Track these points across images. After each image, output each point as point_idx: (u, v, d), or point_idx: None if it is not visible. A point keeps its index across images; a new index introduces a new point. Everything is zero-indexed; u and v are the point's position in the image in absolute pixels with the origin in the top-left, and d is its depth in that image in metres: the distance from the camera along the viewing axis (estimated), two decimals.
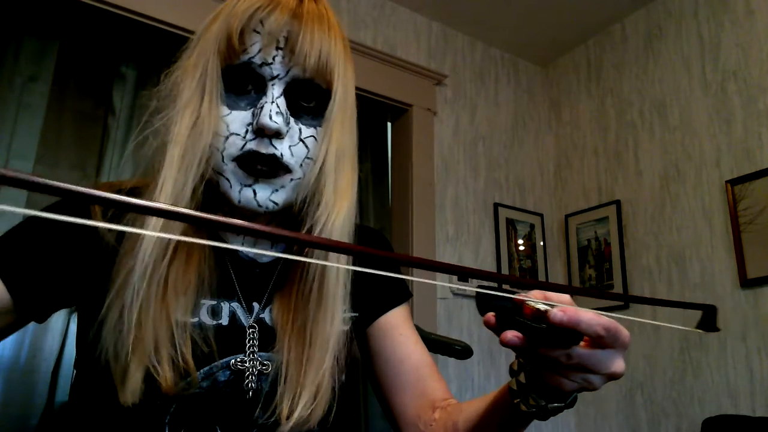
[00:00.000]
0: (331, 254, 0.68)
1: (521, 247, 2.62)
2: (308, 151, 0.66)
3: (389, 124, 2.59)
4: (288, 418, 0.64)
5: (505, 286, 0.52)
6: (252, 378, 0.66)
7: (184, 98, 0.64)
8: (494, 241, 2.56)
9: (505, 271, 2.53)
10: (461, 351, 1.20)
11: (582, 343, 0.49)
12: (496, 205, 2.60)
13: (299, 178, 0.66)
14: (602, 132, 2.65)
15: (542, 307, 0.47)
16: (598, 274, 2.52)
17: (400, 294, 0.84)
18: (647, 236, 2.38)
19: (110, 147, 2.07)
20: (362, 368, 0.86)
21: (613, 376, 0.50)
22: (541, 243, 2.69)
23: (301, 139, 0.66)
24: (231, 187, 0.65)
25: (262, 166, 0.64)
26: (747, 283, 2.00)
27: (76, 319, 0.69)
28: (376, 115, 2.56)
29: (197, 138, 0.63)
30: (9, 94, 1.92)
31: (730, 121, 2.18)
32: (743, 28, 2.19)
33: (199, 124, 0.63)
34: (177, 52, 0.71)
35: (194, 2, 1.93)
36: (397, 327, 0.81)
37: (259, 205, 0.65)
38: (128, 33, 2.02)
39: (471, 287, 0.50)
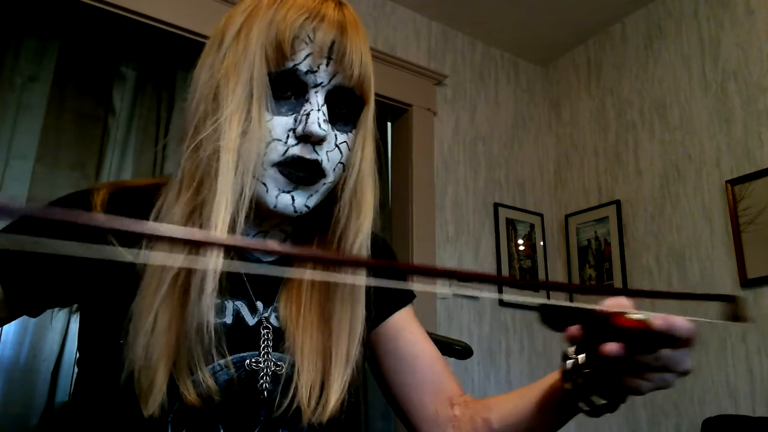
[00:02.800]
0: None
1: (521, 247, 2.62)
2: (341, 156, 0.68)
3: (389, 124, 2.59)
4: (304, 414, 0.65)
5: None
6: (266, 378, 0.67)
7: (232, 104, 0.63)
8: (494, 241, 2.56)
9: (505, 271, 2.53)
10: (461, 351, 1.20)
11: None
12: (496, 205, 2.60)
13: (331, 182, 0.69)
14: (602, 132, 2.65)
15: (639, 316, 0.50)
16: (598, 274, 2.52)
17: (405, 295, 0.85)
18: (647, 236, 2.38)
19: (110, 147, 2.07)
20: (362, 370, 0.86)
21: (685, 373, 0.54)
22: (541, 243, 2.69)
23: (336, 145, 0.68)
24: (268, 192, 0.65)
25: (304, 173, 0.65)
26: (747, 283, 2.00)
27: (77, 319, 0.69)
28: (377, 115, 2.56)
29: (249, 145, 0.63)
30: (9, 94, 1.92)
31: (730, 121, 2.18)
32: (743, 28, 2.19)
33: (251, 131, 0.63)
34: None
35: (194, 2, 1.93)
36: (406, 327, 0.83)
37: (296, 211, 0.66)
38: (128, 33, 2.02)
39: (532, 299, 0.53)
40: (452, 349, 1.20)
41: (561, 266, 2.71)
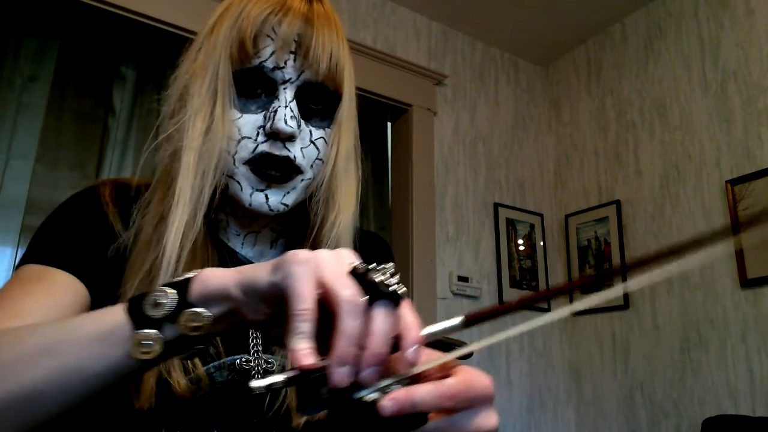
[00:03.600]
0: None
1: (521, 247, 2.62)
2: (319, 153, 0.68)
3: (389, 124, 2.59)
4: (294, 415, 0.65)
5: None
6: (258, 377, 0.66)
7: (196, 103, 0.64)
8: (494, 241, 2.56)
9: (505, 271, 2.53)
10: None
11: (431, 414, 0.42)
12: (496, 205, 2.60)
13: (309, 179, 0.68)
14: (602, 132, 2.65)
15: (370, 397, 0.39)
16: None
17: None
18: (647, 236, 2.38)
19: (110, 147, 2.06)
20: None
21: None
22: (541, 243, 2.69)
23: (311, 141, 0.67)
24: (242, 190, 0.65)
25: (276, 171, 0.65)
26: (747, 283, 2.00)
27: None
28: (376, 115, 2.56)
29: (212, 143, 0.63)
30: (9, 94, 1.92)
31: (730, 121, 2.18)
32: (743, 28, 2.19)
33: (213, 129, 0.63)
34: (180, 55, 0.71)
35: (194, 2, 1.93)
36: None
37: (271, 209, 0.66)
38: (128, 33, 2.02)
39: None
40: (452, 349, 1.20)
41: (561, 266, 2.71)
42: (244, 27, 0.64)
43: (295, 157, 0.65)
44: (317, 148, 0.67)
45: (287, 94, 0.65)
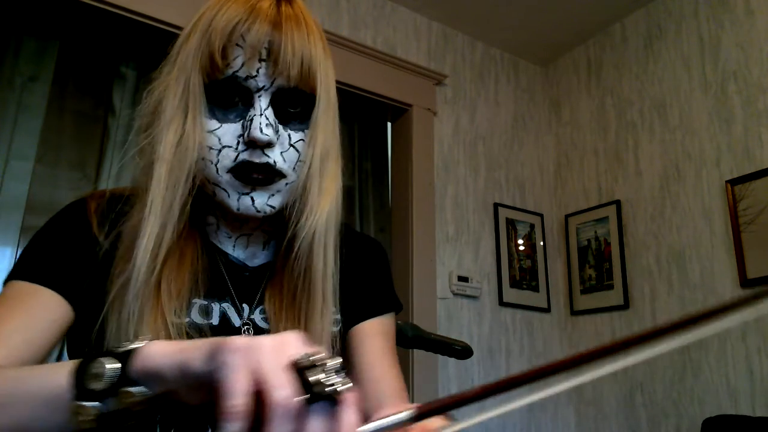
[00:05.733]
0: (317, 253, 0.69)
1: (521, 247, 2.62)
2: (300, 155, 0.68)
3: (389, 124, 2.59)
4: None
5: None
6: None
7: (168, 116, 0.65)
8: (494, 241, 2.56)
9: (505, 271, 2.53)
10: (461, 351, 1.19)
11: None
12: (496, 205, 2.60)
13: (293, 181, 0.68)
14: (602, 132, 2.65)
15: None
16: (598, 274, 2.52)
17: (384, 304, 0.82)
18: (647, 236, 2.38)
19: (110, 147, 2.06)
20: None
21: None
22: (541, 243, 2.69)
23: (291, 145, 0.67)
24: (229, 197, 0.66)
25: (258, 174, 0.65)
26: (747, 283, 2.00)
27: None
28: (376, 115, 2.56)
29: (183, 155, 0.64)
30: (9, 94, 1.92)
31: (730, 121, 2.18)
32: (743, 28, 2.19)
33: (184, 141, 0.64)
34: (157, 68, 0.71)
35: (195, 2, 1.93)
36: (370, 336, 0.78)
37: (258, 211, 0.67)
38: (128, 33, 2.02)
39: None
40: (452, 349, 1.20)
41: (561, 266, 2.71)
42: (212, 39, 0.64)
43: (275, 162, 0.66)
44: (297, 151, 0.68)
45: (262, 102, 0.65)
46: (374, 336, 0.78)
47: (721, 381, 2.04)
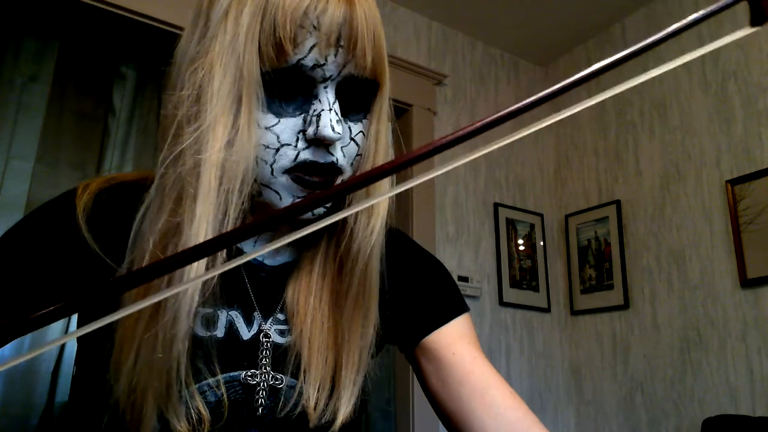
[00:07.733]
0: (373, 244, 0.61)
1: (521, 247, 2.62)
2: (358, 148, 0.61)
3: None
4: (316, 427, 0.61)
5: None
6: (263, 394, 0.61)
7: (216, 109, 0.54)
8: (494, 241, 2.56)
9: (505, 271, 2.53)
10: None
11: None
12: (496, 205, 2.60)
13: (347, 177, 0.61)
14: (602, 132, 2.65)
15: None
16: (598, 274, 2.52)
17: (452, 307, 0.74)
18: (647, 236, 2.38)
19: (110, 147, 2.07)
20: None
21: None
22: (541, 243, 2.69)
23: (352, 138, 0.60)
24: (281, 199, 0.58)
25: (318, 177, 0.58)
26: (747, 283, 2.00)
27: (75, 318, 0.68)
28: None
29: (236, 159, 0.54)
30: (9, 94, 1.92)
31: (730, 121, 2.18)
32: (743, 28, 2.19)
33: (238, 142, 0.54)
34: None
35: (195, 2, 1.93)
36: (449, 345, 0.70)
37: (314, 215, 0.59)
38: (128, 33, 2.02)
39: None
40: None
41: (561, 266, 2.71)
42: (281, 21, 0.53)
43: (337, 159, 0.58)
44: (357, 144, 0.60)
45: (329, 95, 0.56)
46: (453, 343, 0.71)
47: (721, 381, 2.04)
